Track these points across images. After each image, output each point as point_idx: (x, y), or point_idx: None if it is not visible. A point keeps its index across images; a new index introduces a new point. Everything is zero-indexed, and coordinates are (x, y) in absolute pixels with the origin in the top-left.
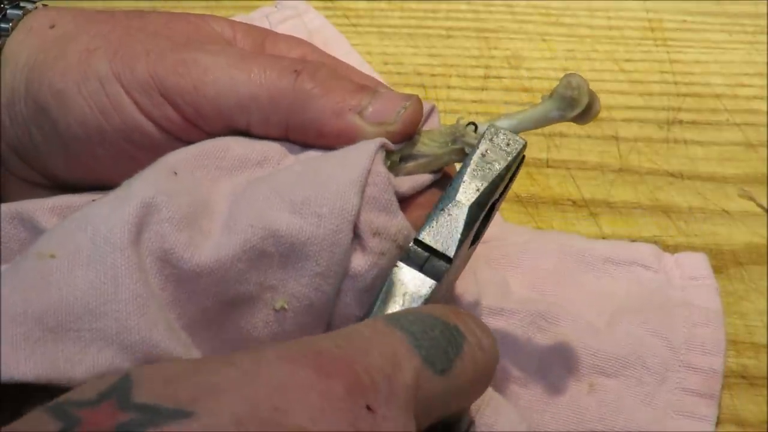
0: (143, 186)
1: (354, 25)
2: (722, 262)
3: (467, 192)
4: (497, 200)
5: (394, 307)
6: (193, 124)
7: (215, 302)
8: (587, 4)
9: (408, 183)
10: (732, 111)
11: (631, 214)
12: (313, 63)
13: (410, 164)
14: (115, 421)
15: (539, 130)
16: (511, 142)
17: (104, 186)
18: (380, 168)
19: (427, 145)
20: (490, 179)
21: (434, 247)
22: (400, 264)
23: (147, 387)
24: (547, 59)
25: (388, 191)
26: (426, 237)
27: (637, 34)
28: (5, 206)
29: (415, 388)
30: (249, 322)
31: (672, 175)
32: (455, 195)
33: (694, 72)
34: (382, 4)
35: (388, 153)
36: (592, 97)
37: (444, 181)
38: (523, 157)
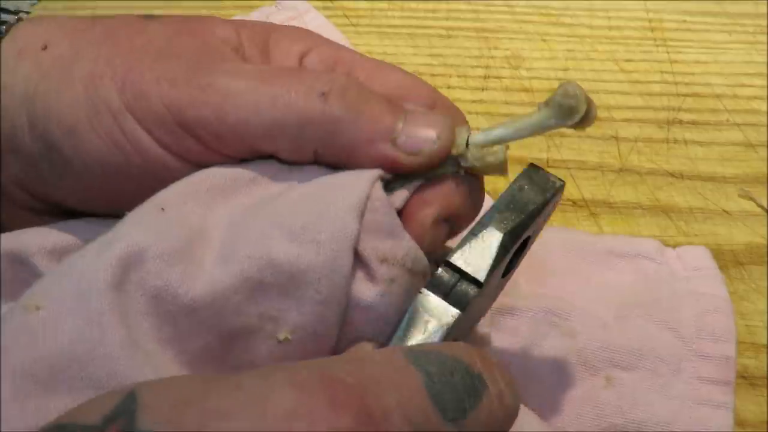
0: (128, 228)
1: (354, 25)
2: (722, 262)
3: (502, 222)
4: (530, 236)
5: (416, 335)
6: (216, 151)
7: (215, 336)
8: (587, 4)
9: (400, 197)
10: (732, 111)
11: (631, 214)
12: (339, 80)
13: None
14: None
15: None
16: (550, 180)
17: (115, 213)
18: (379, 193)
19: None
20: (527, 212)
21: (464, 270)
22: (425, 291)
23: (153, 411)
24: (547, 59)
25: (389, 214)
26: (457, 260)
27: (637, 34)
28: (4, 244)
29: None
30: (252, 354)
31: (672, 175)
32: (489, 223)
33: (694, 72)
34: (382, 4)
35: None
36: (590, 104)
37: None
38: (560, 196)
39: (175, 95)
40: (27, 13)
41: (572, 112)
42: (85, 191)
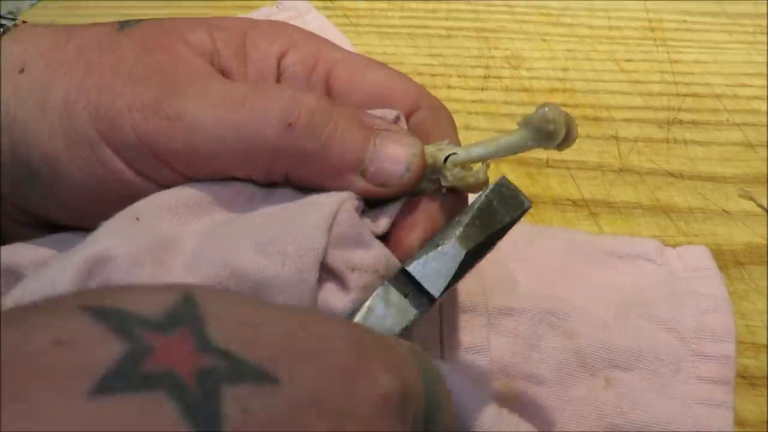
0: (99, 234)
1: (354, 25)
2: (722, 262)
3: (466, 238)
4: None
5: (375, 326)
6: (192, 177)
7: None
8: (587, 4)
9: (382, 223)
10: (732, 111)
11: (631, 214)
12: (307, 106)
13: None
14: (194, 365)
15: None
16: (519, 200)
17: None
18: (348, 206)
19: None
20: (493, 231)
21: (420, 282)
22: (387, 284)
23: (222, 325)
24: (547, 59)
25: (356, 226)
26: (414, 270)
27: (637, 34)
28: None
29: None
30: None
31: (672, 175)
32: (453, 237)
33: (694, 72)
34: (382, 4)
35: None
36: (570, 126)
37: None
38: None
39: (147, 128)
40: (13, 23)
41: (551, 136)
42: (69, 210)
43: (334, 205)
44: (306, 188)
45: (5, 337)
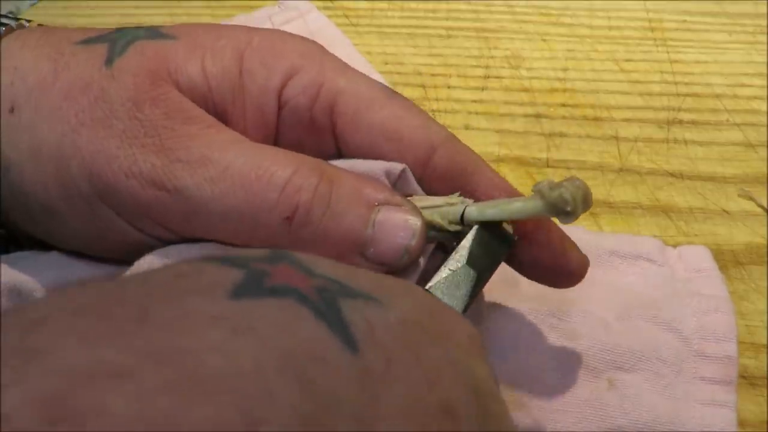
0: None
1: (354, 25)
2: (722, 262)
3: (474, 263)
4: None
5: None
6: (192, 241)
7: None
8: (587, 4)
9: None
10: (732, 111)
11: (631, 214)
12: (305, 195)
13: None
14: (309, 284)
15: (539, 129)
16: (506, 234)
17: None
18: None
19: None
20: (492, 256)
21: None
22: None
23: (319, 263)
24: (547, 59)
25: None
26: (436, 292)
27: (637, 34)
28: (5, 274)
29: None
30: None
31: (672, 175)
32: (464, 260)
33: (694, 72)
34: (382, 4)
35: None
36: (586, 200)
37: None
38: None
39: (144, 198)
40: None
41: (567, 215)
42: (72, 247)
43: None
44: None
45: (130, 287)
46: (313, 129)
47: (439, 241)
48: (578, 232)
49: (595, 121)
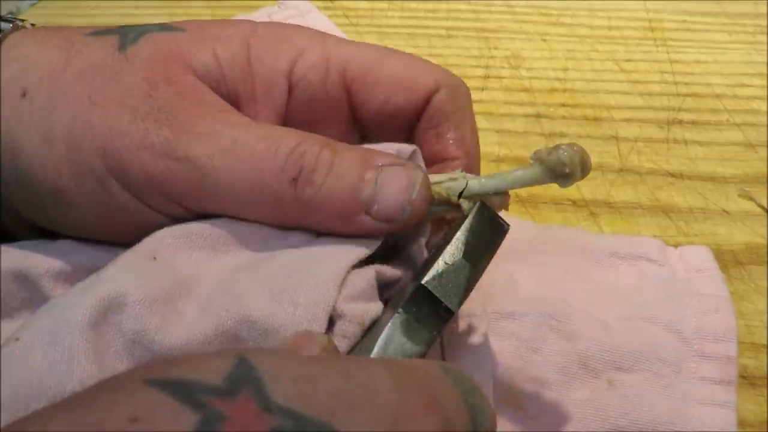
0: (115, 272)
1: (354, 25)
2: (722, 262)
3: (469, 254)
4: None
5: (395, 354)
6: (202, 215)
7: None
8: (587, 4)
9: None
10: (732, 111)
11: (631, 214)
12: (309, 157)
13: None
14: (265, 426)
15: (539, 129)
16: (499, 222)
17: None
18: (363, 271)
19: None
20: (487, 247)
21: (440, 298)
22: (401, 311)
23: (280, 384)
24: (547, 59)
25: (366, 290)
26: (431, 286)
27: (637, 34)
28: (8, 259)
29: None
30: None
31: (672, 175)
32: (459, 251)
33: (694, 72)
34: (382, 4)
35: None
36: (584, 163)
37: None
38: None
39: (155, 169)
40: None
41: (566, 177)
42: (77, 231)
43: (347, 261)
44: (320, 231)
45: (84, 423)
46: (329, 104)
47: (442, 217)
48: (578, 232)
49: (595, 121)
